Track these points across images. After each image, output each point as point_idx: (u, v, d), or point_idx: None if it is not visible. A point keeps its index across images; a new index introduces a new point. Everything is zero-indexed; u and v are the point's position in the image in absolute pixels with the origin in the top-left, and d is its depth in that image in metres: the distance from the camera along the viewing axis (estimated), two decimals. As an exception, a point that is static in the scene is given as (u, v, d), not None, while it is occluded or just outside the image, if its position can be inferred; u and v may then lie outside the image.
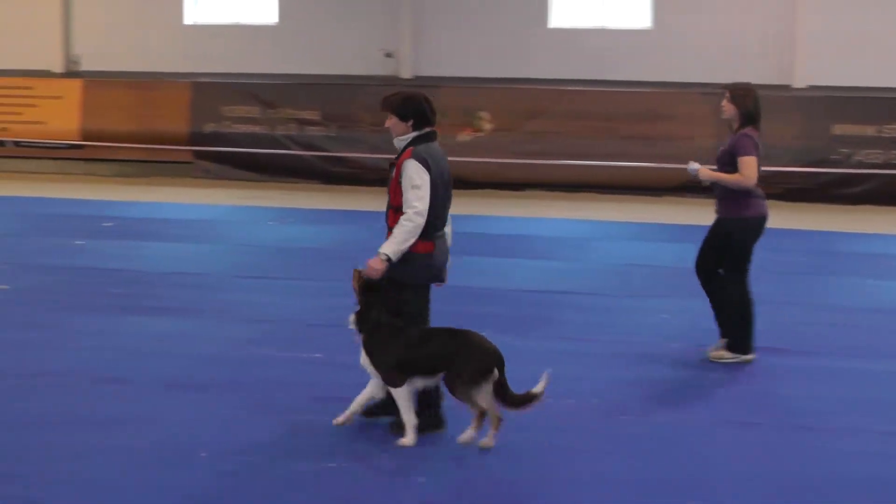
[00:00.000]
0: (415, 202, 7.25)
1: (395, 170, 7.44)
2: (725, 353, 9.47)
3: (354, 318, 7.45)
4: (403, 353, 7.24)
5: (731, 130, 9.45)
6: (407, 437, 7.24)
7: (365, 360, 7.39)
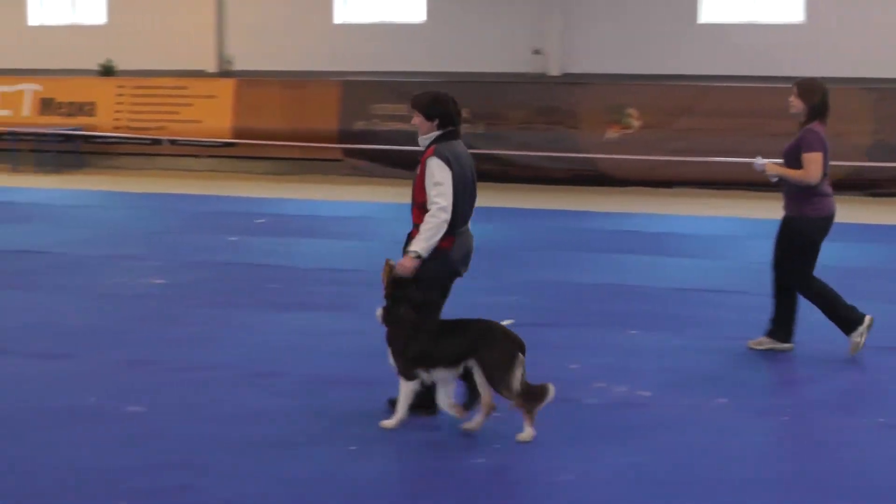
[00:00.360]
0: (437, 199, 7.43)
1: (419, 167, 7.56)
2: (764, 339, 9.56)
3: (381, 312, 7.53)
4: (426, 346, 7.28)
5: (799, 125, 9.36)
6: (390, 422, 7.40)
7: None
